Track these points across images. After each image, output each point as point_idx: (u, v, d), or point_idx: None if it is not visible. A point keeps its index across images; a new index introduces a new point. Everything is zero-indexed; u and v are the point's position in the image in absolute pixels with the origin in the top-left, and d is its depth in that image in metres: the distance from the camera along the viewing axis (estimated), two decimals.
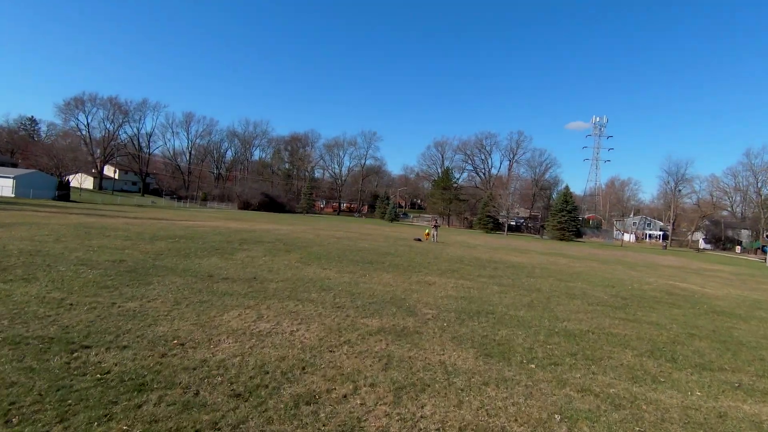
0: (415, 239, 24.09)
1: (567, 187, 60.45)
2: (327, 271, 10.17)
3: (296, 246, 14.64)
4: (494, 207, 71.53)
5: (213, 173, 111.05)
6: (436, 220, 27.08)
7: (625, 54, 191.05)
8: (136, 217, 25.74)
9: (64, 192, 44.75)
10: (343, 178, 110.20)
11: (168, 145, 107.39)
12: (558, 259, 19.97)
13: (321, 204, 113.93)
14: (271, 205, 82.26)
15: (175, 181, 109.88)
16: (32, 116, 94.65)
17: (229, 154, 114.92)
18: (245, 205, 78.52)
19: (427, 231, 26.10)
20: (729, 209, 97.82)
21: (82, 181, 72.36)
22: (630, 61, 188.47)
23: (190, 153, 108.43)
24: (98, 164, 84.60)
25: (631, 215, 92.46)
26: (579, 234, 58.35)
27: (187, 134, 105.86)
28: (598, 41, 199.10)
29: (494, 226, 72.38)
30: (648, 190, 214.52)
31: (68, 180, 46.69)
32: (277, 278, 8.74)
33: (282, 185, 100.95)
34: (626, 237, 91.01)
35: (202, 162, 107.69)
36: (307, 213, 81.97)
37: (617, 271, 17.23)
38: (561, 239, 55.52)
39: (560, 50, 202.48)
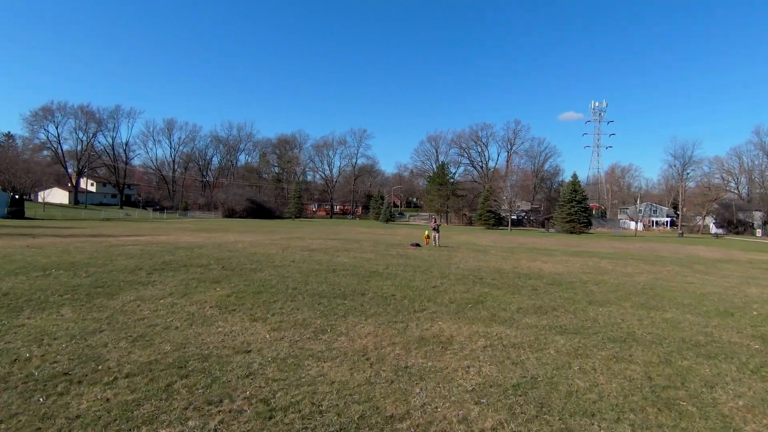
0: (412, 245, 19.62)
1: (575, 175, 56.04)
2: (255, 327, 5.64)
3: (237, 271, 10.08)
4: (495, 201, 67.23)
5: (200, 181, 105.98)
6: (435, 220, 22.55)
7: (616, 37, 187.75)
8: (72, 234, 21.09)
9: (16, 208, 39.90)
10: (334, 180, 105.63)
11: (150, 155, 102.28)
12: (599, 263, 15.53)
13: (313, 207, 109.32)
14: (258, 211, 77.57)
15: (160, 192, 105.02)
16: (8, 131, 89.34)
17: (216, 161, 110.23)
18: (230, 213, 73.76)
19: (426, 233, 21.65)
20: (735, 191, 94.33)
21: (46, 195, 67.36)
22: (622, 45, 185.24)
23: (173, 161, 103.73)
24: (72, 177, 79.48)
25: (637, 202, 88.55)
26: (590, 225, 53.90)
27: (170, 142, 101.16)
28: (587, 26, 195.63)
29: (495, 221, 68.10)
30: (648, 176, 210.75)
31: (23, 195, 41.79)
32: (127, 363, 4.19)
33: (272, 190, 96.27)
34: (633, 225, 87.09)
35: (185, 170, 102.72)
36: (296, 218, 77.26)
37: (687, 277, 12.80)
38: (571, 232, 51.10)
39: (549, 39, 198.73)
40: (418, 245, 19.70)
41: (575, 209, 51.43)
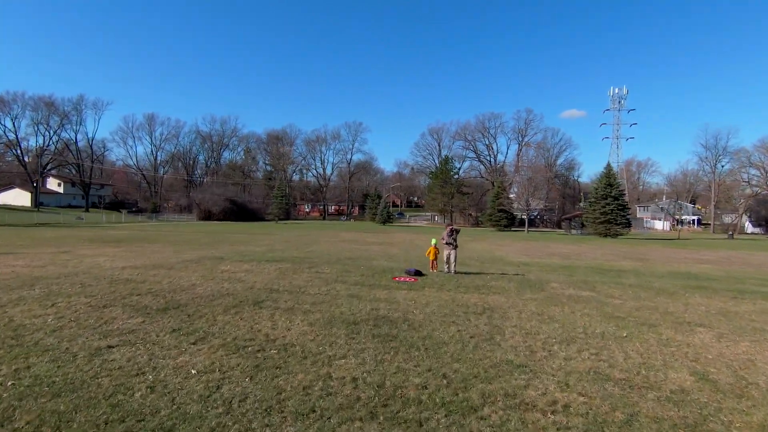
0: (409, 276, 11.13)
1: (609, 166, 46.98)
2: None
3: None
4: (508, 199, 58.71)
5: (186, 180, 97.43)
6: (451, 228, 13.38)
7: (624, 27, 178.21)
8: None
9: None
10: (327, 178, 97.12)
11: (130, 153, 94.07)
12: None
13: (306, 208, 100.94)
14: (239, 213, 69.05)
15: (141, 192, 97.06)
16: None
17: (201, 159, 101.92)
18: (207, 215, 65.32)
19: (434, 244, 13.03)
20: (764, 187, 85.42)
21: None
22: (628, 35, 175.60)
23: (155, 159, 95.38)
24: (32, 177, 71.18)
25: (663, 199, 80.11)
26: (628, 226, 44.99)
27: (151, 139, 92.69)
28: (592, 18, 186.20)
29: (508, 222, 59.56)
30: (664, 171, 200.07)
31: None
32: None
33: (261, 189, 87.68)
34: (658, 224, 78.76)
35: (164, 169, 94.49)
36: (282, 221, 68.57)
37: None
38: (605, 235, 42.40)
39: (552, 33, 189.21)
40: (419, 274, 11.18)
41: (611, 207, 42.52)
